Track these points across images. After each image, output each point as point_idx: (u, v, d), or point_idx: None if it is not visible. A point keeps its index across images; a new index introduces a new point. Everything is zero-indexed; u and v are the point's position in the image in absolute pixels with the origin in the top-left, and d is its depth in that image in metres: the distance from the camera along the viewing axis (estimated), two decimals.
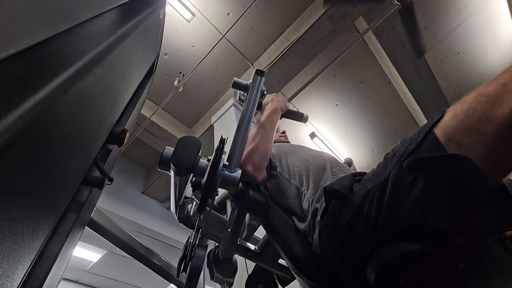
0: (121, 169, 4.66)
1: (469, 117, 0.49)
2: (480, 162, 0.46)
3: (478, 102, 0.48)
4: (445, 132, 0.51)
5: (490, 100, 0.47)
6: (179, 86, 3.68)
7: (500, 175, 0.47)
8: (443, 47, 3.43)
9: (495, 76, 0.50)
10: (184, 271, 0.78)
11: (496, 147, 0.46)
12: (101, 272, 4.80)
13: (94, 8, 0.40)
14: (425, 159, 0.51)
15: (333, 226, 0.61)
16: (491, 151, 0.46)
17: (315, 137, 4.34)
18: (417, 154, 0.53)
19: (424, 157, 0.51)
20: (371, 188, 0.58)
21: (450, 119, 0.51)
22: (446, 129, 0.51)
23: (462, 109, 0.50)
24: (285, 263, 0.95)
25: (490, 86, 0.49)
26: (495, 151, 0.46)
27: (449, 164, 0.48)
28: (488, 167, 0.46)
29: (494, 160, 0.46)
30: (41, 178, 0.33)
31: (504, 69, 0.49)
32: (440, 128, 0.52)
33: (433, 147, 0.51)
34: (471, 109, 0.49)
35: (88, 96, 0.41)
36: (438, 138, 0.51)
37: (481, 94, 0.49)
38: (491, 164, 0.46)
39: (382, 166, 0.61)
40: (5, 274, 0.29)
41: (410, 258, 0.48)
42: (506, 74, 0.48)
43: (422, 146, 0.53)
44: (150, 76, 0.98)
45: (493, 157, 0.46)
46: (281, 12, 3.32)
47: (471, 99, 0.50)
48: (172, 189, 0.75)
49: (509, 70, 0.48)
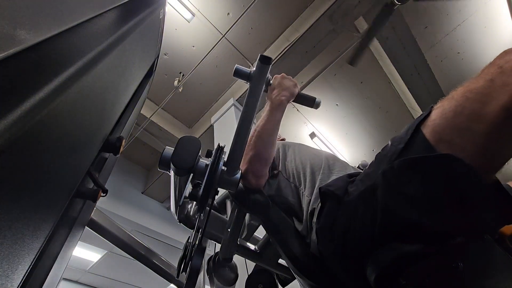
0: (121, 169, 4.66)
1: (458, 115, 0.47)
2: (472, 161, 0.45)
3: (466, 99, 0.47)
4: (434, 131, 0.50)
5: (478, 97, 0.46)
6: (179, 86, 3.68)
7: (493, 171, 0.47)
8: (443, 47, 3.44)
9: (482, 71, 0.48)
10: (184, 271, 0.78)
11: (488, 145, 0.45)
12: (101, 272, 4.80)
13: (94, 8, 0.40)
14: (415, 160, 0.50)
15: (330, 228, 0.61)
16: (483, 150, 0.45)
17: (315, 137, 4.34)
18: (407, 153, 0.52)
19: (414, 157, 0.50)
20: (364, 190, 0.57)
21: (438, 117, 0.50)
22: (435, 128, 0.50)
23: (450, 106, 0.49)
24: (285, 263, 0.95)
25: (477, 82, 0.47)
26: (487, 149, 0.45)
27: (440, 164, 0.48)
28: (481, 165, 0.45)
29: (486, 158, 0.46)
30: (41, 178, 0.33)
31: (490, 63, 0.48)
32: (428, 127, 0.51)
33: (422, 147, 0.50)
34: (459, 107, 0.47)
35: (88, 96, 0.41)
36: (426, 137, 0.50)
37: (468, 90, 0.48)
38: (483, 162, 0.45)
39: (374, 166, 0.60)
40: (5, 274, 0.29)
41: (410, 258, 0.48)
42: (493, 69, 0.46)
43: (411, 145, 0.53)
44: (150, 76, 0.98)
45: (486, 155, 0.45)
46: (281, 12, 3.32)
47: (459, 96, 0.49)
48: (172, 189, 0.75)
49: (496, 64, 0.47)
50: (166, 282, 1.40)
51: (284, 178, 0.86)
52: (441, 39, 3.37)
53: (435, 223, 0.48)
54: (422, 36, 3.32)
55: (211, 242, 1.11)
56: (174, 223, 4.00)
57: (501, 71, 0.45)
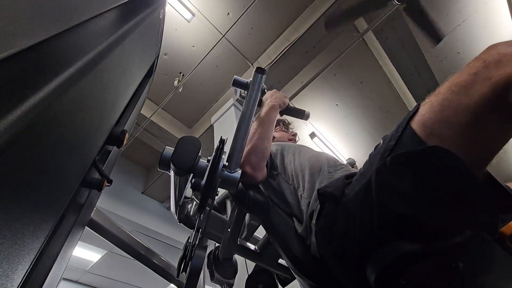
0: (121, 169, 4.66)
1: (445, 109, 0.49)
2: (462, 153, 0.46)
3: (451, 92, 0.49)
4: (424, 126, 0.51)
5: (463, 90, 0.47)
6: (179, 86, 3.68)
7: (482, 163, 0.48)
8: (443, 47, 3.43)
9: (467, 65, 0.50)
10: (184, 271, 0.78)
11: (475, 137, 0.46)
12: (101, 272, 4.80)
13: (94, 8, 0.40)
14: (406, 154, 0.51)
15: (329, 229, 0.61)
16: (471, 142, 0.46)
17: (315, 137, 4.34)
18: (398, 150, 0.53)
19: (405, 152, 0.51)
20: (360, 189, 0.58)
21: (427, 112, 0.51)
22: (425, 122, 0.51)
23: (437, 100, 0.50)
24: (285, 263, 0.95)
25: (461, 76, 0.49)
26: (475, 141, 0.46)
27: (430, 157, 0.48)
28: (471, 156, 0.46)
29: (474, 150, 0.47)
30: (41, 178, 0.33)
31: (475, 57, 0.49)
32: (418, 122, 0.52)
33: (412, 142, 0.51)
34: (445, 100, 0.49)
35: (87, 96, 0.41)
36: (416, 132, 0.51)
37: (453, 84, 0.49)
38: (472, 154, 0.46)
39: (367, 166, 0.61)
40: (5, 274, 0.29)
41: (410, 258, 0.48)
42: (478, 63, 0.48)
43: (401, 141, 0.54)
44: (150, 76, 0.98)
45: (474, 147, 0.47)
46: (281, 12, 3.32)
47: (445, 90, 0.50)
48: (172, 189, 0.75)
49: (480, 58, 0.48)
50: (166, 282, 1.41)
51: (284, 180, 0.86)
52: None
53: (430, 218, 0.48)
54: (422, 36, 3.31)
55: (211, 242, 1.11)
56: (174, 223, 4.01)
57: (485, 65, 0.46)
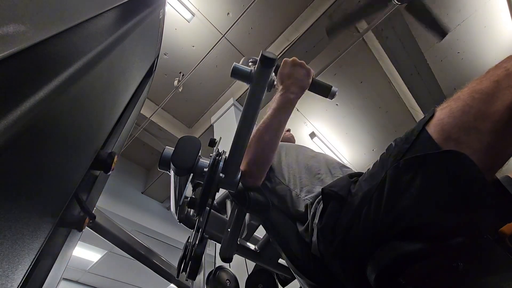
0: (121, 169, 4.65)
1: (465, 114, 0.49)
2: (476, 158, 0.47)
3: (472, 99, 0.49)
4: (442, 130, 0.51)
5: (484, 97, 0.48)
6: (179, 86, 3.68)
7: (494, 168, 0.49)
8: (443, 47, 3.43)
9: (487, 72, 0.51)
10: (184, 271, 0.78)
11: (493, 143, 0.47)
12: (101, 272, 4.80)
13: (94, 8, 0.40)
14: (421, 157, 0.51)
15: (331, 228, 0.61)
16: (488, 148, 0.47)
17: (315, 137, 4.34)
18: (413, 153, 0.53)
19: (420, 155, 0.51)
20: (369, 189, 0.58)
21: (446, 117, 0.52)
22: (443, 127, 0.51)
23: (457, 106, 0.51)
24: (285, 263, 0.95)
25: (483, 83, 0.49)
26: (492, 147, 0.47)
27: (445, 160, 0.49)
28: (485, 163, 0.47)
29: (490, 155, 0.47)
30: (41, 178, 0.33)
31: (495, 65, 0.50)
32: (436, 126, 0.53)
33: (428, 145, 0.52)
34: (466, 107, 0.50)
35: (87, 96, 0.41)
36: (432, 136, 0.52)
37: (475, 91, 0.50)
38: (487, 160, 0.47)
39: (378, 167, 0.61)
40: (5, 274, 0.29)
41: (410, 258, 0.48)
42: (499, 71, 0.48)
43: (416, 145, 0.54)
44: (150, 76, 0.98)
45: (490, 153, 0.47)
46: (281, 12, 3.32)
47: (465, 96, 0.51)
48: (172, 189, 0.75)
49: (501, 66, 0.49)
50: (166, 282, 1.41)
51: (281, 181, 0.86)
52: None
53: (439, 221, 0.48)
54: (422, 36, 3.31)
55: (211, 242, 1.11)
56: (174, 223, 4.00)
57: (507, 73, 0.47)
